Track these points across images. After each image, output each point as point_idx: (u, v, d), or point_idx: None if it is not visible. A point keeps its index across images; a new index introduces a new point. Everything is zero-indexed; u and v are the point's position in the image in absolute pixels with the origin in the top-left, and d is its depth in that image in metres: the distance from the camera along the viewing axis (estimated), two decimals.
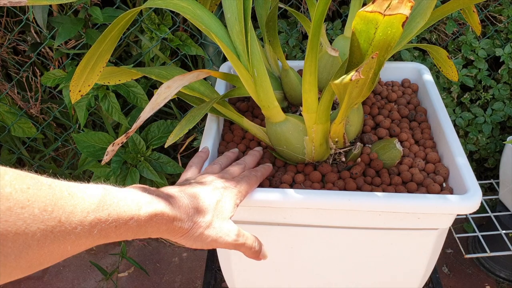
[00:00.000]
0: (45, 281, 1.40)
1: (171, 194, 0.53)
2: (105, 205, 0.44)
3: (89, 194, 0.43)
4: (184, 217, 0.52)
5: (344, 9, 1.25)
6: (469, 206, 0.62)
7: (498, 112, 1.28)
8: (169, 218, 0.50)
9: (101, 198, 0.43)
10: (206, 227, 0.54)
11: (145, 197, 0.49)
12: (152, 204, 0.49)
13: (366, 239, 0.70)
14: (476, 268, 1.41)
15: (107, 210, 0.44)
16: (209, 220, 0.55)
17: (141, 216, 0.47)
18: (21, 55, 1.31)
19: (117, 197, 0.45)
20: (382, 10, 0.46)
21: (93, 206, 0.42)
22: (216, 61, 1.26)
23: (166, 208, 0.50)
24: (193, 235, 0.53)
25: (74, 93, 0.64)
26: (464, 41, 1.25)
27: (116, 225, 0.44)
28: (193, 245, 0.55)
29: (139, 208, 0.47)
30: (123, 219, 0.45)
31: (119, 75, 0.72)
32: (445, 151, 0.73)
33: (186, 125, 0.63)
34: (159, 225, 0.49)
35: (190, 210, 0.53)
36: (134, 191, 0.49)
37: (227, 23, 0.64)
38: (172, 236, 0.53)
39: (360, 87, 0.55)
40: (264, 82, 0.64)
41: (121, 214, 0.45)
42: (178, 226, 0.52)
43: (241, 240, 0.57)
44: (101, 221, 0.43)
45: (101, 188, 0.45)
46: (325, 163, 0.71)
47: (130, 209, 0.46)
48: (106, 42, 0.61)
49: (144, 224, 0.48)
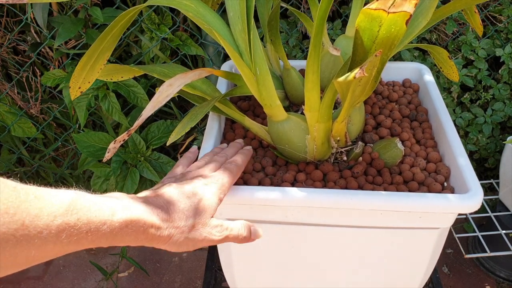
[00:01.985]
0: (45, 281, 1.39)
1: (150, 200, 0.51)
2: (75, 209, 0.42)
3: (58, 198, 0.41)
4: (164, 224, 0.50)
5: (344, 9, 1.26)
6: (471, 206, 0.62)
7: (498, 112, 1.28)
8: (146, 225, 0.48)
9: (71, 202, 0.42)
10: (189, 231, 0.52)
11: (120, 202, 0.47)
12: (127, 209, 0.46)
13: (367, 238, 0.70)
14: (476, 268, 1.41)
15: (77, 215, 0.41)
16: (191, 223, 0.53)
17: (115, 222, 0.45)
18: (21, 55, 1.31)
19: (89, 201, 0.43)
20: (387, 7, 0.46)
21: (61, 210, 0.40)
22: (216, 61, 1.26)
23: (143, 215, 0.48)
24: (176, 241, 0.52)
25: (74, 90, 0.64)
26: (464, 41, 1.25)
27: (87, 231, 0.42)
28: (179, 249, 0.53)
29: (113, 213, 0.45)
30: (95, 225, 0.43)
31: (122, 72, 0.72)
32: (446, 150, 0.73)
33: (188, 123, 0.63)
34: (136, 233, 0.47)
35: (170, 216, 0.51)
36: (110, 197, 0.47)
37: (230, 21, 0.64)
38: (154, 244, 0.51)
39: (363, 86, 0.55)
40: (266, 81, 0.64)
41: (92, 219, 0.43)
42: (157, 234, 0.49)
43: (225, 233, 0.56)
44: (70, 225, 0.41)
45: (73, 192, 0.43)
46: (327, 162, 0.71)
47: (103, 214, 0.44)
48: (107, 39, 0.61)
49: (119, 231, 0.45)
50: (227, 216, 0.69)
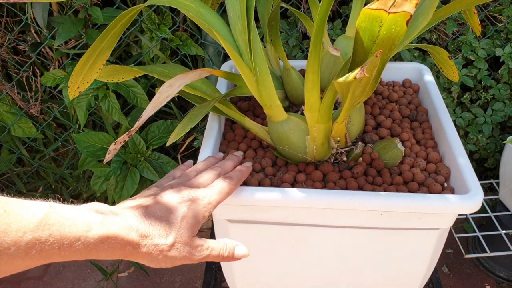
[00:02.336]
0: (45, 281, 1.39)
1: (130, 213, 0.50)
2: (47, 224, 0.40)
3: (30, 212, 0.40)
4: (143, 240, 0.48)
5: (344, 9, 1.25)
6: (471, 206, 0.62)
7: (498, 112, 1.28)
8: (124, 242, 0.47)
9: (43, 217, 0.40)
10: (168, 249, 0.51)
11: (98, 217, 0.45)
12: (104, 225, 0.45)
13: (367, 238, 0.70)
14: (476, 268, 1.41)
15: (49, 230, 0.40)
16: (171, 241, 0.51)
17: (90, 238, 0.43)
18: (21, 55, 1.31)
19: (63, 216, 0.42)
20: (387, 7, 0.46)
21: (32, 225, 0.39)
22: (216, 61, 1.26)
23: (121, 231, 0.46)
24: (155, 258, 0.50)
25: (72, 90, 0.64)
26: (464, 41, 1.25)
27: (59, 247, 0.41)
28: (157, 266, 0.51)
29: (89, 229, 0.43)
30: (68, 241, 0.41)
31: (122, 72, 0.72)
32: (446, 151, 0.73)
33: (188, 124, 0.63)
34: (113, 249, 0.46)
35: (150, 232, 0.49)
36: (87, 210, 0.46)
37: (230, 21, 0.64)
38: (131, 259, 0.49)
39: (363, 86, 0.55)
40: (267, 81, 0.64)
41: (65, 235, 0.41)
42: (135, 251, 0.48)
43: (205, 253, 0.54)
44: (41, 241, 0.39)
45: (47, 205, 0.42)
46: (327, 162, 0.71)
47: (77, 230, 0.42)
48: (107, 39, 0.61)
49: (94, 247, 0.44)
50: (226, 217, 0.69)
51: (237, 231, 0.71)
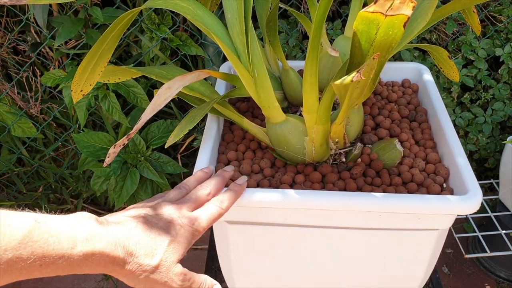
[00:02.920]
0: (45, 281, 1.40)
1: (117, 228, 0.49)
2: (30, 241, 0.39)
3: (13, 228, 0.38)
4: (128, 258, 0.48)
5: (344, 9, 1.25)
6: (470, 207, 0.62)
7: (498, 112, 1.28)
8: (109, 259, 0.46)
9: (27, 234, 0.39)
10: (151, 271, 0.50)
11: (84, 232, 0.44)
12: (90, 242, 0.44)
13: (366, 239, 0.70)
14: (476, 268, 1.41)
15: (31, 248, 0.39)
16: (156, 264, 0.50)
17: (74, 255, 0.42)
18: (21, 55, 1.31)
19: (48, 231, 0.41)
20: (384, 10, 0.46)
21: (14, 243, 0.38)
22: (216, 61, 1.26)
23: (107, 248, 0.45)
24: (137, 277, 0.49)
25: (75, 93, 0.64)
26: (464, 41, 1.25)
27: (41, 264, 0.40)
28: (135, 285, 0.50)
29: (73, 246, 0.42)
30: (51, 258, 0.40)
31: (120, 73, 0.72)
32: (446, 151, 0.72)
33: (186, 126, 0.63)
34: (96, 265, 0.45)
35: (137, 251, 0.49)
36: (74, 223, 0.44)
37: (228, 23, 0.64)
38: (112, 275, 0.48)
39: (361, 88, 0.55)
40: (265, 82, 0.64)
41: (48, 253, 0.40)
42: (119, 268, 0.47)
43: (186, 284, 0.53)
44: (22, 259, 0.38)
45: (32, 220, 0.40)
46: (325, 163, 0.71)
47: (61, 247, 0.41)
48: (107, 42, 0.61)
49: (78, 264, 0.43)
50: (225, 218, 0.69)
51: (236, 232, 0.71)
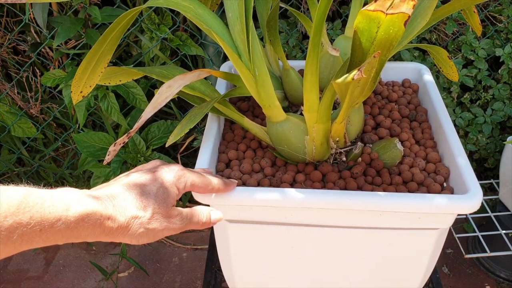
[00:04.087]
0: (45, 281, 1.40)
1: (105, 190, 0.49)
2: (27, 206, 0.40)
3: (8, 196, 0.39)
4: (121, 215, 0.48)
5: (344, 9, 1.25)
6: (470, 206, 0.62)
7: (498, 112, 1.28)
8: (103, 217, 0.46)
9: (22, 200, 0.40)
10: (148, 221, 0.50)
11: (74, 195, 0.45)
12: (82, 202, 0.44)
13: (366, 238, 0.70)
14: (476, 268, 1.41)
15: (29, 213, 0.40)
16: (150, 214, 0.50)
17: (70, 216, 0.43)
18: (21, 55, 1.31)
19: (41, 197, 0.41)
20: (385, 9, 0.46)
21: (12, 209, 0.38)
22: (216, 61, 1.26)
23: (99, 206, 0.46)
24: (135, 232, 0.49)
25: (75, 94, 0.64)
26: (464, 41, 1.25)
27: (40, 229, 0.40)
28: (139, 241, 0.50)
29: (68, 208, 0.43)
30: (49, 221, 0.41)
31: (120, 75, 0.72)
32: (446, 151, 0.73)
33: (187, 125, 0.63)
34: (93, 227, 0.45)
35: (127, 207, 0.49)
36: (63, 191, 0.45)
37: (229, 22, 0.64)
38: (111, 237, 0.48)
39: (362, 87, 0.55)
40: (265, 81, 0.64)
41: (46, 216, 0.41)
42: (115, 225, 0.47)
43: (185, 221, 0.54)
44: (22, 224, 0.39)
45: (24, 188, 0.41)
46: (326, 162, 0.71)
47: (57, 210, 0.42)
48: (107, 42, 0.61)
49: (75, 226, 0.43)
50: (226, 217, 0.69)
51: (236, 231, 0.71)
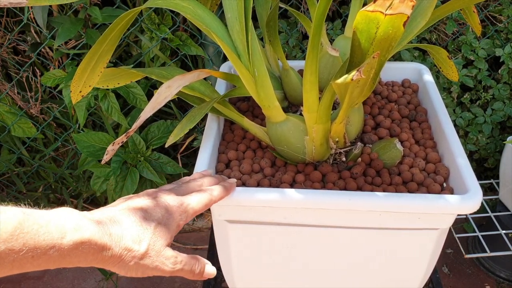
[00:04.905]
0: (45, 281, 1.40)
1: (103, 218, 0.48)
2: (22, 233, 0.39)
3: (3, 220, 0.38)
4: (116, 245, 0.47)
5: (344, 9, 1.25)
6: (470, 206, 0.62)
7: (498, 112, 1.28)
8: (98, 247, 0.45)
9: (17, 225, 0.39)
10: (141, 256, 0.49)
11: (71, 222, 0.44)
12: (78, 230, 0.44)
13: (366, 239, 0.70)
14: (476, 268, 1.41)
15: (23, 239, 0.39)
16: (144, 249, 0.49)
17: (64, 245, 0.42)
18: (21, 55, 1.31)
19: (37, 223, 0.41)
20: (384, 9, 0.46)
21: (5, 236, 0.38)
22: (216, 61, 1.26)
23: (95, 234, 0.45)
24: (126, 264, 0.49)
25: (75, 94, 0.64)
26: (464, 41, 1.25)
27: (33, 255, 0.40)
28: (127, 274, 0.50)
29: (63, 235, 0.42)
30: (42, 249, 0.40)
31: (119, 77, 0.71)
32: (446, 151, 0.73)
33: (186, 125, 0.63)
34: (86, 255, 0.45)
35: (124, 237, 0.48)
36: (60, 215, 0.44)
37: (228, 23, 0.64)
38: (103, 265, 0.48)
39: (361, 87, 0.55)
40: (265, 82, 0.64)
41: (39, 243, 0.40)
42: (108, 255, 0.47)
43: (178, 267, 0.53)
44: (14, 251, 0.38)
45: (20, 212, 0.40)
46: (326, 163, 0.71)
47: (51, 237, 0.41)
48: (107, 42, 0.61)
49: (68, 254, 0.43)
50: (226, 217, 0.69)
51: (236, 231, 0.71)
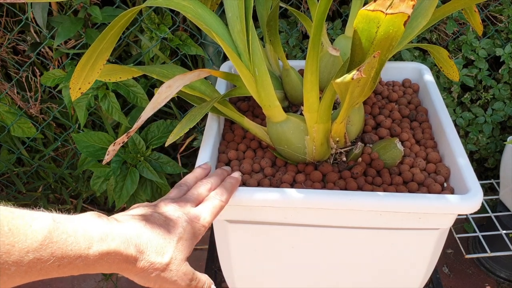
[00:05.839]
0: (44, 281, 1.39)
1: (129, 229, 0.49)
2: (51, 242, 0.39)
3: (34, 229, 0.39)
4: (140, 256, 0.48)
5: (345, 9, 1.25)
6: (470, 206, 0.62)
7: (498, 112, 1.28)
8: (123, 258, 0.46)
9: (47, 235, 0.39)
10: (163, 269, 0.50)
11: (98, 230, 0.45)
12: (105, 241, 0.45)
13: (366, 239, 0.70)
14: (477, 268, 1.41)
15: (51, 249, 0.39)
16: (167, 262, 0.50)
17: (90, 255, 0.43)
18: (20, 55, 1.31)
19: (66, 232, 0.41)
20: (384, 8, 0.46)
21: (35, 245, 0.38)
22: (216, 61, 1.26)
23: (120, 246, 0.46)
24: (148, 275, 0.50)
25: (74, 91, 0.64)
26: (464, 41, 1.25)
27: (59, 265, 0.41)
28: (145, 284, 0.51)
29: (89, 246, 0.43)
30: (69, 259, 0.41)
31: (120, 72, 0.71)
32: (446, 151, 0.72)
33: (186, 124, 0.63)
34: (110, 264, 0.46)
35: (148, 249, 0.49)
36: (88, 222, 0.45)
37: (228, 22, 0.64)
38: (124, 274, 0.49)
39: (362, 87, 0.54)
40: (265, 81, 0.64)
41: (67, 253, 0.41)
42: (131, 266, 0.48)
43: (193, 284, 0.54)
44: (42, 261, 0.39)
45: (51, 220, 0.41)
46: (326, 162, 0.71)
47: (79, 247, 0.42)
48: (107, 40, 0.61)
49: (93, 263, 0.44)
50: (226, 217, 0.69)
51: (236, 231, 0.71)
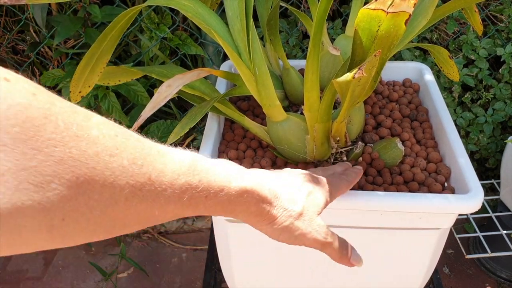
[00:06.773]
0: (44, 281, 1.39)
1: (260, 174, 0.49)
2: (196, 170, 0.38)
3: (178, 156, 0.38)
4: (274, 200, 0.47)
5: (345, 8, 1.25)
6: (471, 206, 0.62)
7: (499, 112, 1.28)
8: (260, 198, 0.45)
9: (192, 162, 0.38)
10: (296, 217, 0.48)
11: (233, 170, 0.44)
12: (242, 179, 0.44)
13: (367, 238, 0.70)
14: (477, 268, 1.41)
15: (198, 176, 0.38)
16: (300, 210, 0.49)
17: (232, 189, 0.42)
18: (20, 55, 1.31)
19: (205, 165, 0.40)
20: (385, 7, 0.46)
21: (184, 169, 0.37)
22: (216, 61, 1.26)
23: (256, 186, 0.45)
24: (281, 224, 0.48)
25: (74, 94, 0.64)
26: (465, 41, 1.25)
27: (206, 195, 0.40)
28: (279, 236, 0.49)
29: (229, 180, 0.42)
30: (214, 190, 0.40)
31: (119, 75, 0.71)
32: (447, 150, 0.72)
33: (187, 124, 0.63)
34: (249, 204, 0.45)
35: (280, 195, 0.48)
36: (223, 162, 0.44)
37: (229, 21, 0.64)
38: (259, 221, 0.47)
39: (362, 86, 0.54)
40: (266, 81, 0.64)
41: (211, 184, 0.40)
42: (267, 209, 0.46)
43: (329, 239, 0.51)
44: (192, 187, 0.38)
45: (190, 153, 0.40)
46: (327, 162, 0.71)
47: (221, 180, 0.41)
48: (106, 41, 0.60)
49: (234, 200, 0.43)
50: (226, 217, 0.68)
51: (236, 231, 0.71)
